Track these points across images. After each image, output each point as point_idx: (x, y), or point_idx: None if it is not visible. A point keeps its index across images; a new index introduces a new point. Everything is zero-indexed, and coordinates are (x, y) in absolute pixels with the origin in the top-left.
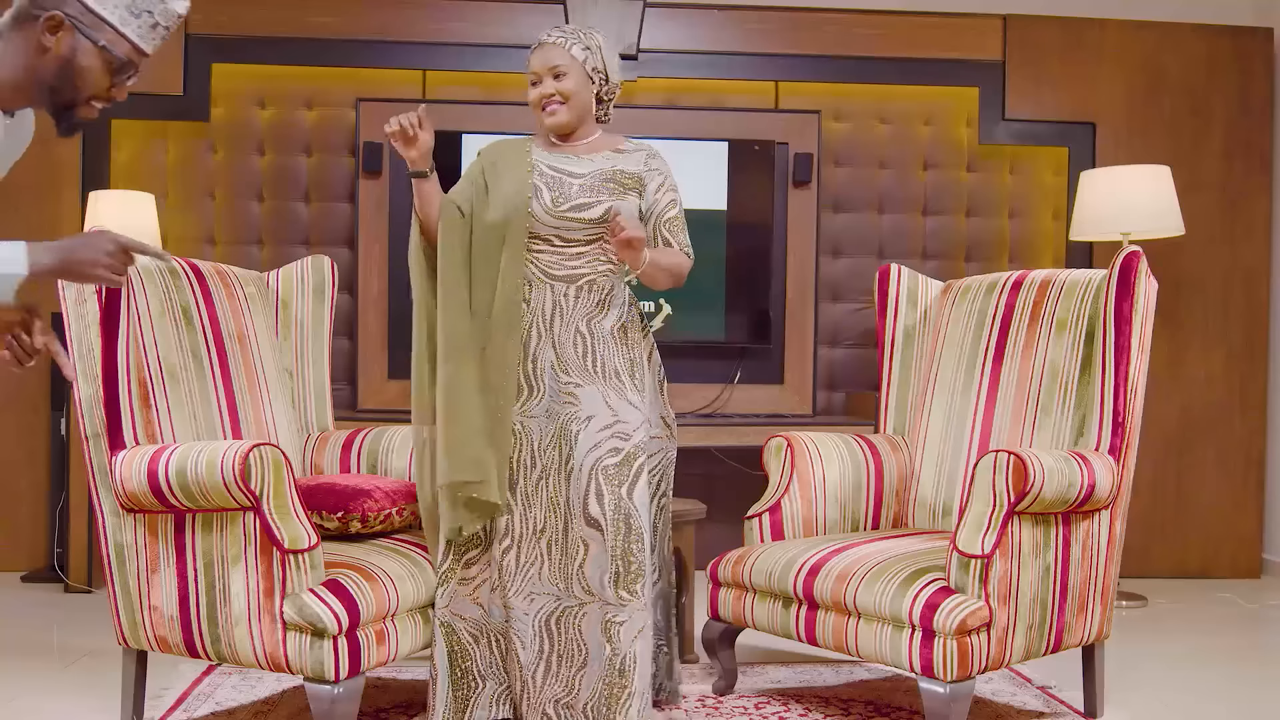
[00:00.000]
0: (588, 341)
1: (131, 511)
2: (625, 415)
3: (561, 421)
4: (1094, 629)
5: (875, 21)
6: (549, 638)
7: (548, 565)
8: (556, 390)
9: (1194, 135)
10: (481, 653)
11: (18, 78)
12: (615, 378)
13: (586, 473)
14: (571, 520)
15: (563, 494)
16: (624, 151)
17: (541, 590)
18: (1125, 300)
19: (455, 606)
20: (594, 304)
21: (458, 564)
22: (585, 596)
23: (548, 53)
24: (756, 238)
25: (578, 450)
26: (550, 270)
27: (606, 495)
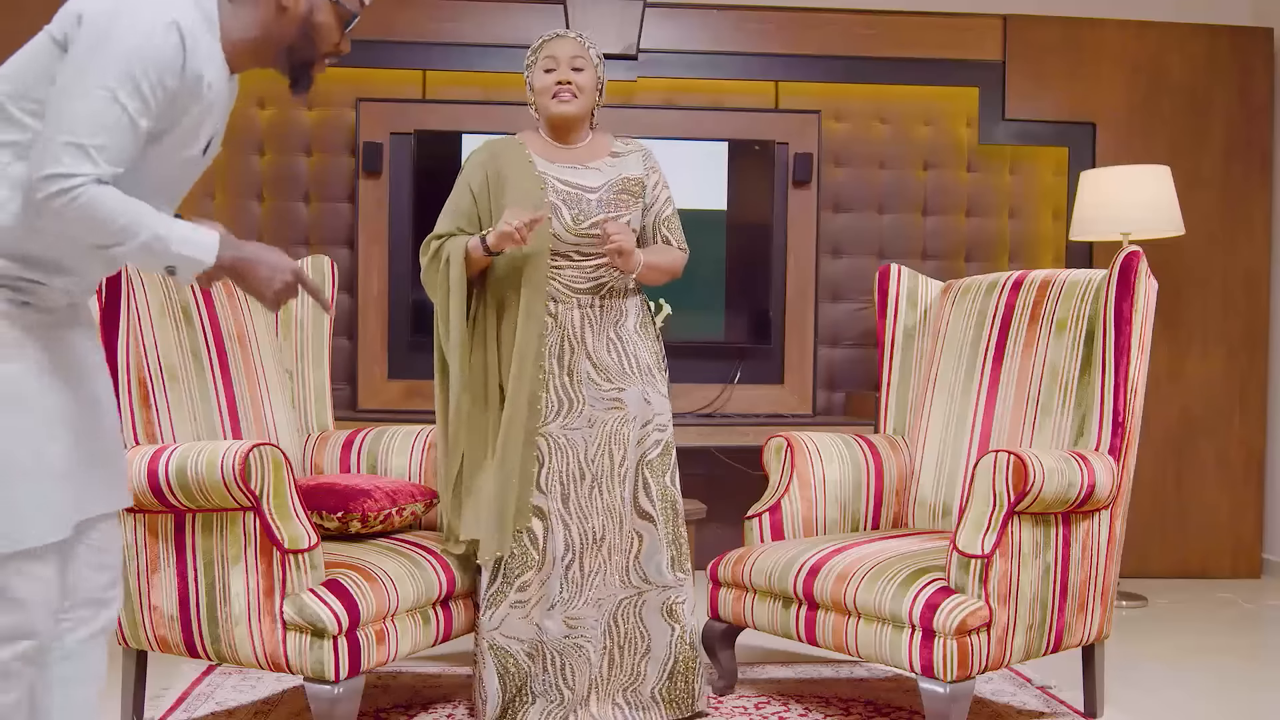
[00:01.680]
0: (621, 346)
1: (131, 511)
2: (660, 407)
3: (610, 427)
4: (1094, 629)
5: (875, 21)
6: (611, 633)
7: (611, 570)
8: (599, 398)
9: (1194, 135)
10: (538, 671)
11: (255, 40)
12: (649, 373)
13: (633, 469)
14: (625, 519)
15: (618, 496)
16: (620, 154)
17: (607, 594)
18: (1125, 300)
19: (509, 629)
20: (616, 309)
21: (509, 587)
22: (643, 585)
23: (570, 45)
24: (756, 238)
25: (630, 449)
26: (574, 284)
27: (654, 486)
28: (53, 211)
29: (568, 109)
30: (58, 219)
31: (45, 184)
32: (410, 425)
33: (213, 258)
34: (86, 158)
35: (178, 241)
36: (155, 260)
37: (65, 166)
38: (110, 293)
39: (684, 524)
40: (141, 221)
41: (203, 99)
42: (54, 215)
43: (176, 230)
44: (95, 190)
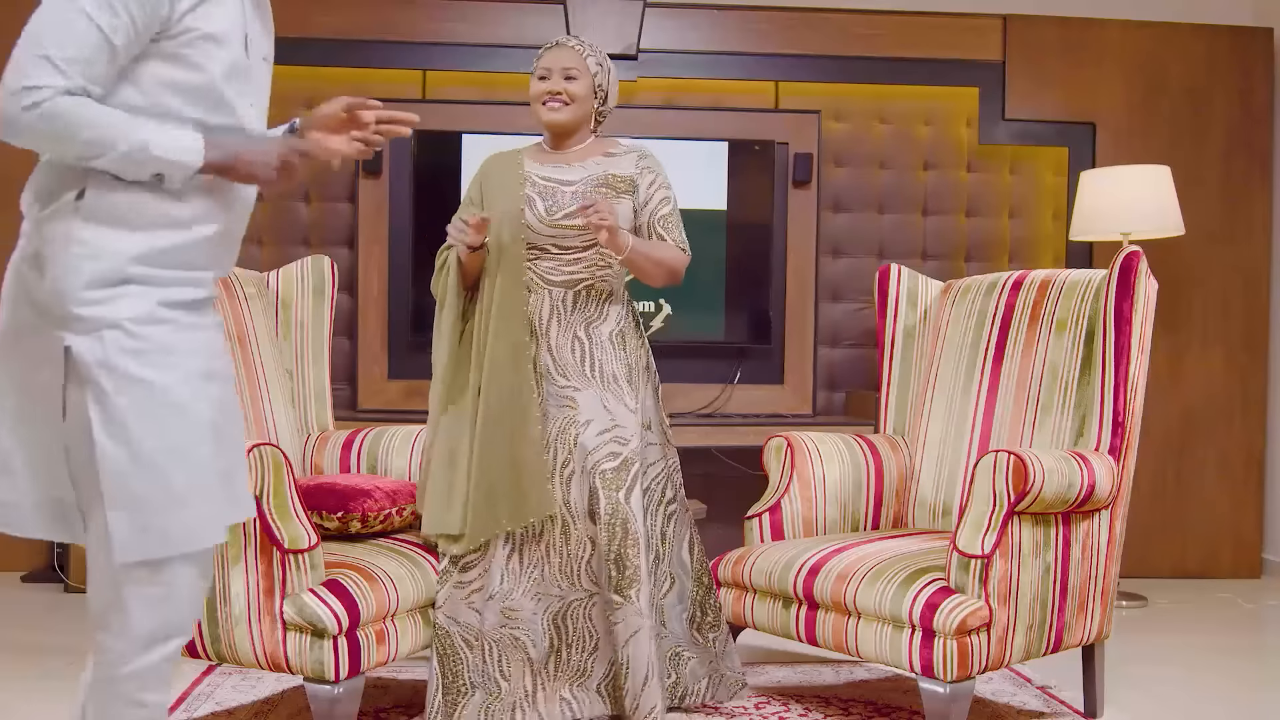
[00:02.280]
0: (585, 346)
1: None
2: (623, 420)
3: (559, 425)
4: (1094, 629)
5: (875, 21)
6: (558, 632)
7: (548, 567)
8: (554, 394)
9: (1194, 135)
10: (474, 660)
11: None
12: (614, 382)
13: (588, 476)
14: (574, 522)
15: (559, 497)
16: (615, 155)
17: (546, 591)
18: (1125, 300)
19: (450, 610)
20: (592, 309)
21: (454, 567)
22: (593, 588)
23: (564, 54)
24: (756, 238)
25: (578, 453)
26: (548, 276)
27: (603, 499)
28: (24, 127)
29: (556, 117)
30: (31, 133)
31: (15, 99)
32: (410, 425)
33: (199, 159)
34: (55, 70)
35: (160, 146)
36: (140, 169)
37: (32, 79)
38: None
39: (637, 549)
40: (120, 131)
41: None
42: (26, 130)
43: (159, 137)
44: (64, 101)
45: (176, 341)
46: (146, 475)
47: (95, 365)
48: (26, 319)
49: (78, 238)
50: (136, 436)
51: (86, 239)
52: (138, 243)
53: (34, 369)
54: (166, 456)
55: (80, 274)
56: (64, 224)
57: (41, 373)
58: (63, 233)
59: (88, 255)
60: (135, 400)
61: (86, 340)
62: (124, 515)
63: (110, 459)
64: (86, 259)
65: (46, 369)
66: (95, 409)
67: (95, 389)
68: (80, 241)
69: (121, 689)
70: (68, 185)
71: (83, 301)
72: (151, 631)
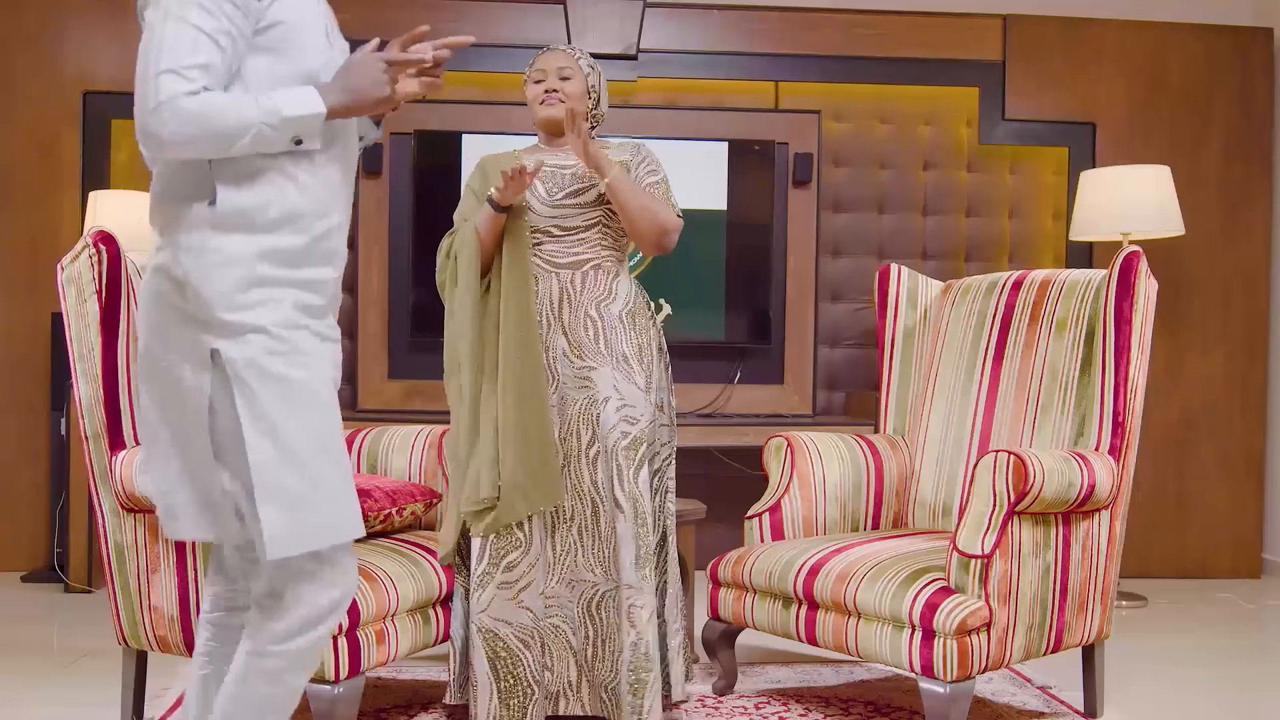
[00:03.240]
0: (598, 325)
1: (131, 511)
2: (632, 399)
3: (580, 406)
4: (1094, 629)
5: (875, 21)
6: (592, 622)
7: (582, 552)
8: (571, 375)
9: (1194, 135)
10: (533, 659)
11: None
12: (624, 362)
13: (610, 454)
14: (601, 504)
15: (586, 480)
16: (610, 148)
17: (579, 577)
18: (1125, 300)
19: (498, 612)
20: (602, 289)
21: (496, 567)
22: (618, 580)
23: (558, 57)
24: (756, 238)
25: (601, 431)
26: (554, 259)
27: (625, 478)
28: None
29: (554, 112)
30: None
31: (155, 117)
32: (410, 425)
33: (323, 105)
34: (180, 78)
35: (287, 105)
36: (279, 134)
37: (163, 94)
38: (110, 292)
39: (646, 527)
40: (251, 107)
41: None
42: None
43: (278, 97)
44: (193, 101)
45: (311, 345)
46: (294, 470)
47: (243, 365)
48: (169, 322)
49: (212, 245)
50: (283, 432)
51: (219, 246)
52: (266, 244)
53: (181, 370)
54: (312, 451)
55: (218, 281)
56: (198, 234)
57: (189, 374)
58: (198, 242)
59: (224, 262)
60: (281, 397)
61: (232, 343)
62: (274, 509)
63: (259, 454)
64: (224, 266)
65: (194, 371)
66: (244, 406)
67: (243, 387)
68: (214, 249)
69: (269, 666)
70: (197, 196)
71: (226, 307)
72: (307, 616)
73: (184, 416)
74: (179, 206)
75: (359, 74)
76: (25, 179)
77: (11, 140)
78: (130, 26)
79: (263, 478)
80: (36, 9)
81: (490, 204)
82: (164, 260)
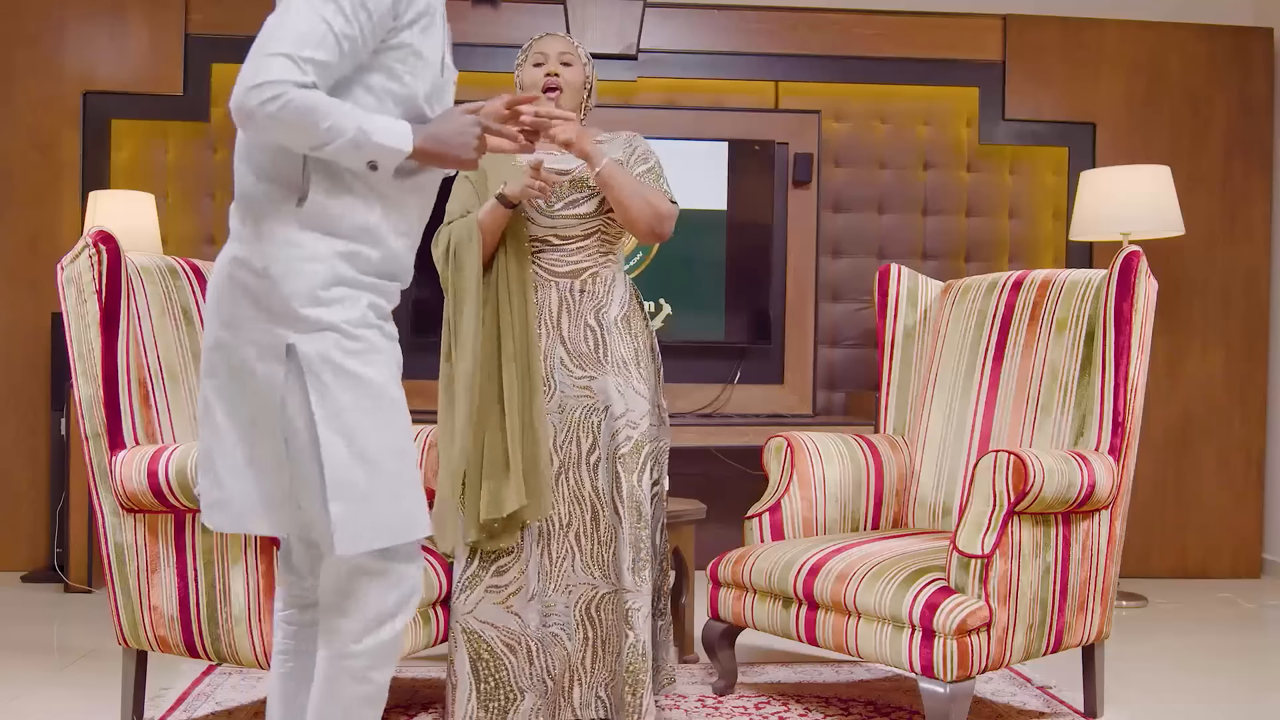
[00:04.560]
0: (597, 334)
1: (131, 511)
2: (634, 404)
3: (579, 414)
4: (1094, 629)
5: (875, 21)
6: (591, 625)
7: (579, 557)
8: (570, 385)
9: (1194, 135)
10: (519, 663)
11: None
12: (624, 367)
13: (608, 461)
14: (602, 509)
15: (586, 485)
16: (604, 142)
17: (577, 581)
18: (1125, 300)
19: (484, 614)
20: (600, 297)
21: (486, 571)
22: (616, 584)
23: (559, 42)
24: (756, 238)
25: (602, 439)
26: (553, 268)
27: (624, 484)
28: (266, 117)
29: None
30: (272, 124)
31: (257, 92)
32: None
33: (410, 145)
34: (295, 66)
35: (379, 133)
36: (360, 155)
37: (275, 74)
38: (110, 292)
39: (648, 530)
40: (349, 119)
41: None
42: (268, 120)
43: (376, 122)
44: (303, 92)
45: (382, 344)
46: (365, 466)
47: (318, 360)
48: (246, 315)
49: (296, 241)
50: (355, 429)
51: (305, 243)
52: (348, 249)
53: (254, 363)
54: (382, 448)
55: (302, 277)
56: (284, 229)
57: (262, 367)
58: (283, 237)
59: (307, 258)
60: (355, 395)
61: (308, 339)
62: (344, 505)
63: (331, 450)
64: (306, 261)
65: (267, 363)
66: (317, 402)
67: (317, 383)
68: (299, 245)
69: (351, 666)
70: (286, 194)
71: (306, 302)
72: (378, 612)
73: (253, 410)
74: (268, 202)
75: (452, 131)
76: (25, 179)
77: (11, 140)
78: (130, 27)
79: (334, 473)
80: (36, 9)
81: (500, 200)
82: (245, 252)
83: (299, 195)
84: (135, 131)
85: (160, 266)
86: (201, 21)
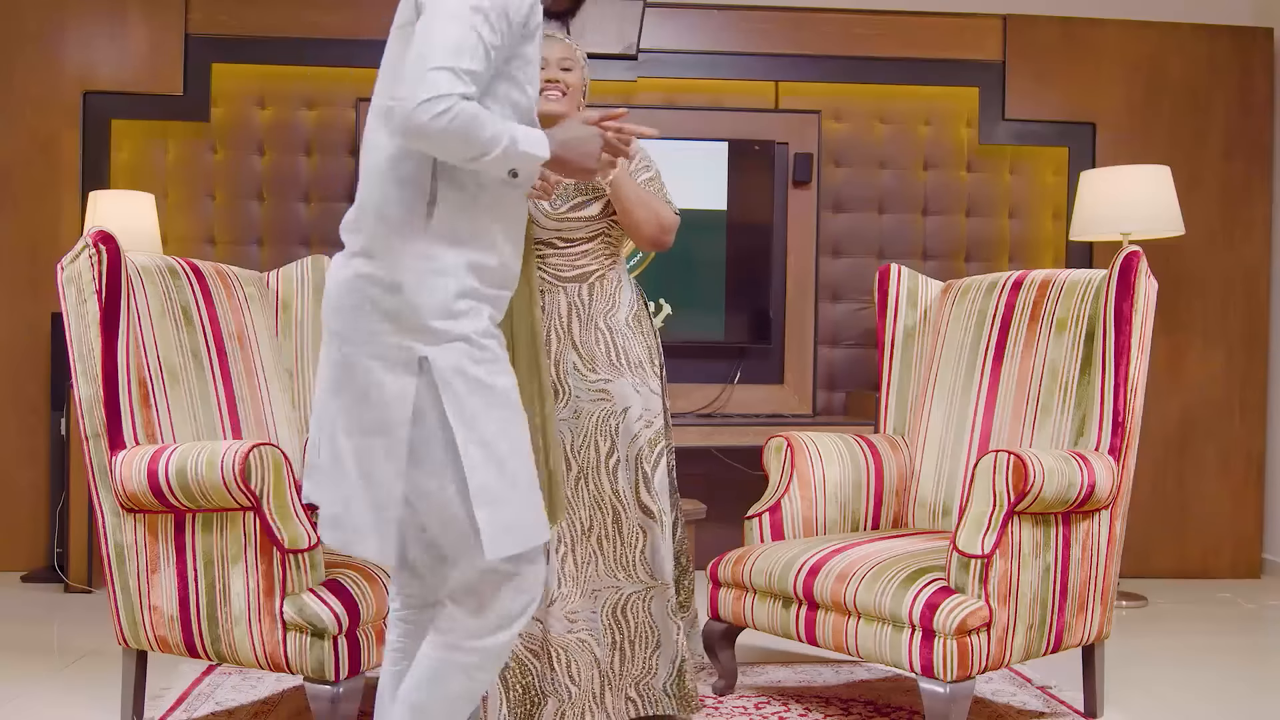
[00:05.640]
0: (609, 336)
1: (131, 511)
2: (651, 404)
3: (597, 418)
4: (1094, 629)
5: (875, 21)
6: (619, 627)
7: (602, 561)
8: (585, 389)
9: (1194, 135)
10: (542, 669)
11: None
12: (639, 368)
13: (632, 463)
14: (624, 511)
15: (606, 489)
16: None
17: (602, 585)
18: (1125, 300)
19: None
20: (608, 299)
21: None
22: (650, 581)
23: (560, 47)
24: (756, 238)
25: (621, 443)
26: (560, 273)
27: (655, 481)
28: (436, 131)
29: (555, 107)
30: (445, 137)
31: (429, 106)
32: None
33: (548, 153)
34: (458, 79)
35: (523, 141)
36: (507, 163)
37: (441, 89)
38: (110, 293)
39: (680, 519)
40: (501, 126)
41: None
42: (437, 135)
43: (521, 133)
44: (468, 104)
45: (501, 354)
46: (500, 473)
47: (451, 372)
48: (373, 329)
49: (428, 254)
50: (489, 437)
51: (436, 255)
52: (473, 260)
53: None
54: (511, 454)
55: (434, 290)
56: (415, 243)
57: (391, 379)
58: (414, 250)
59: (438, 271)
60: (485, 403)
61: (441, 350)
62: (489, 511)
63: (472, 459)
64: (438, 275)
65: (398, 376)
66: (453, 413)
67: (450, 394)
68: (430, 258)
69: (462, 661)
70: (415, 208)
71: (438, 315)
72: (500, 615)
73: (376, 424)
74: (397, 217)
75: (579, 139)
76: (25, 179)
77: (11, 140)
78: (130, 27)
79: (476, 480)
80: (36, 9)
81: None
82: (373, 268)
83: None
84: (135, 131)
85: (160, 266)
86: (201, 21)
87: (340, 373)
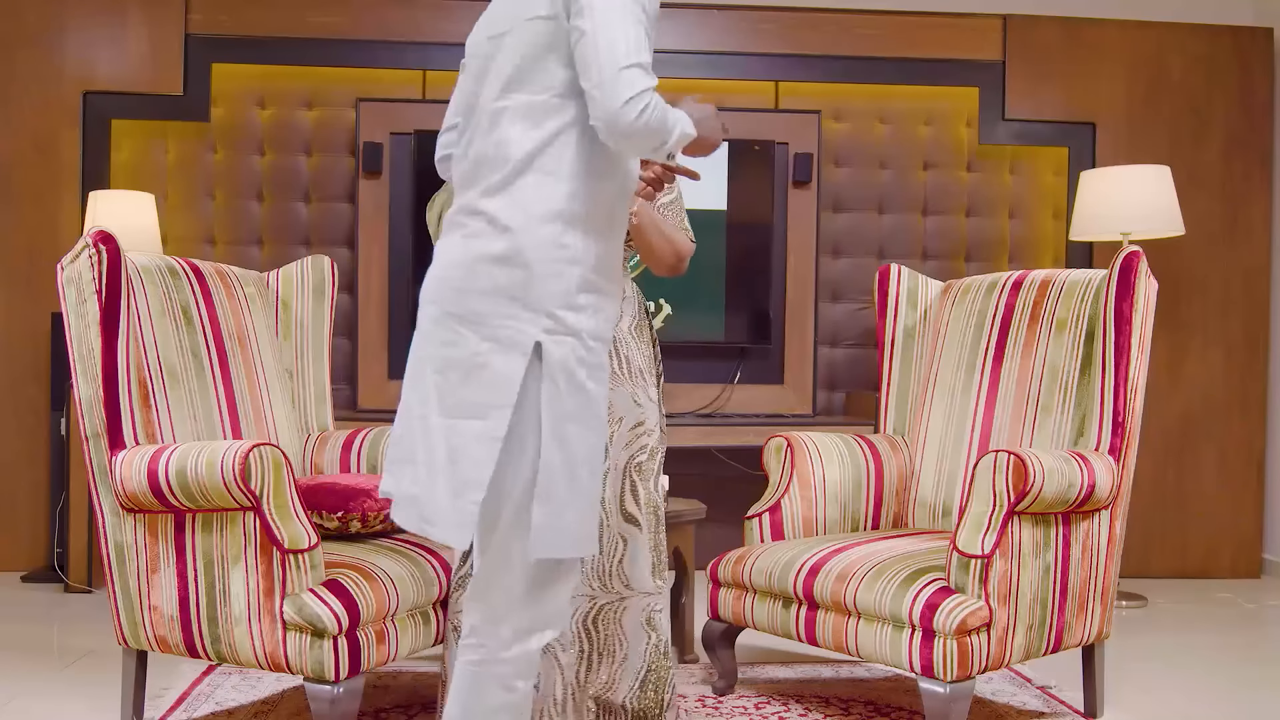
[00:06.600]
0: (612, 346)
1: (131, 511)
2: (649, 412)
3: None
4: (1094, 629)
5: (875, 21)
6: (588, 636)
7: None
8: None
9: (1194, 135)
10: None
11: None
12: (640, 376)
13: (621, 471)
14: (607, 518)
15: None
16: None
17: (577, 593)
18: (1125, 300)
19: None
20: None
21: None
22: (625, 591)
23: None
24: (756, 238)
25: (612, 450)
26: None
27: (641, 492)
28: (644, 126)
29: None
30: (647, 132)
31: (631, 106)
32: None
33: (694, 130)
34: (646, 74)
35: (684, 122)
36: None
37: (638, 87)
38: (110, 293)
39: (664, 530)
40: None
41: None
42: (644, 130)
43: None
44: (658, 97)
45: (605, 363)
46: (568, 477)
47: (557, 365)
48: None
49: (561, 242)
50: (570, 439)
51: (569, 244)
52: (599, 249)
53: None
54: (583, 463)
55: (563, 278)
56: (549, 228)
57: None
58: (547, 236)
59: (569, 260)
60: (577, 406)
61: (555, 340)
62: (546, 511)
63: (549, 455)
64: (568, 263)
65: (509, 357)
66: (547, 407)
67: (552, 388)
68: (563, 245)
69: (498, 672)
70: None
71: (560, 303)
72: (533, 621)
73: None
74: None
75: (707, 116)
76: (25, 179)
77: (11, 140)
78: (130, 27)
79: (546, 477)
80: (36, 9)
81: None
82: (502, 248)
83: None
84: (135, 131)
85: (160, 266)
86: (201, 21)
87: (448, 352)
